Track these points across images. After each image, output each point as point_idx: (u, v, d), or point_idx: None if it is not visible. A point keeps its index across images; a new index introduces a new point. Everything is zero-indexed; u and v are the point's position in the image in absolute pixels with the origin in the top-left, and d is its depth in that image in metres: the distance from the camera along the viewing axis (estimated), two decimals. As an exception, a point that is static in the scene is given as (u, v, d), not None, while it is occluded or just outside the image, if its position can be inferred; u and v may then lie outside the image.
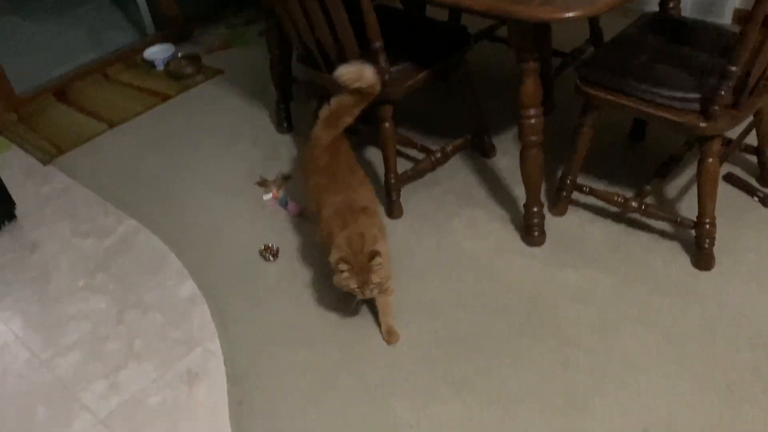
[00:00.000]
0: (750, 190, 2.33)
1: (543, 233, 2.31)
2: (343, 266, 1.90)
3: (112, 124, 3.22)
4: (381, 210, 2.23)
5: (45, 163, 3.06)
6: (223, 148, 2.98)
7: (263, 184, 2.72)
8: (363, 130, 2.61)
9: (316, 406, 1.92)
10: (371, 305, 2.13)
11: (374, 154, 2.78)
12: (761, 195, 2.30)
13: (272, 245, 2.43)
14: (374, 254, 1.88)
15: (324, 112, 2.21)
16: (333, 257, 1.92)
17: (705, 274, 2.11)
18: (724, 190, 2.33)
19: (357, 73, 2.07)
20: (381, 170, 2.50)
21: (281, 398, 1.96)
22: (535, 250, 2.29)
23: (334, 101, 2.18)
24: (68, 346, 2.23)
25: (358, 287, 1.92)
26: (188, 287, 2.37)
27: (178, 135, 3.11)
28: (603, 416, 1.79)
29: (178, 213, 2.69)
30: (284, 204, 2.61)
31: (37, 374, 2.15)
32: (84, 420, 2.00)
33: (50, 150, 3.11)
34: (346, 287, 1.96)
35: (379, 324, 2.08)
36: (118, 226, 2.68)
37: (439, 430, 1.82)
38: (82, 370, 2.14)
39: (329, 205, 2.07)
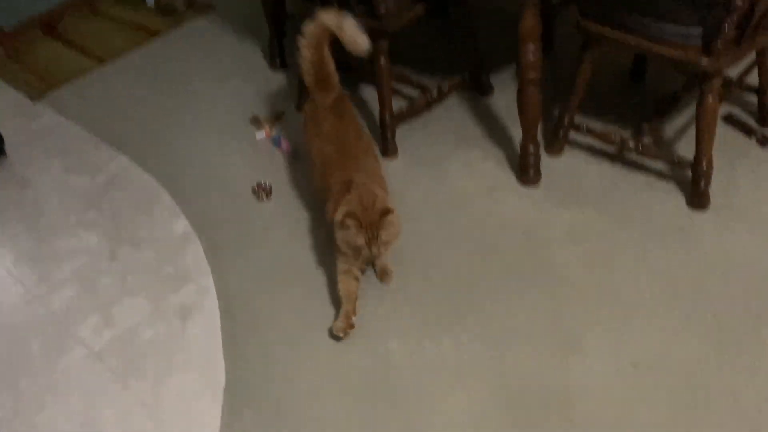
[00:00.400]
0: (748, 131, 2.31)
1: (538, 173, 2.29)
2: (350, 221, 1.81)
3: (101, 60, 3.16)
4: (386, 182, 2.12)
5: (34, 99, 3.00)
6: (215, 85, 2.93)
7: (256, 122, 2.68)
8: (356, 66, 2.55)
9: (309, 343, 1.94)
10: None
11: (369, 92, 2.73)
12: (759, 136, 2.28)
13: (265, 183, 2.41)
14: (387, 211, 1.81)
15: (308, 78, 2.14)
16: (340, 212, 1.82)
17: (700, 214, 2.11)
18: (722, 130, 2.30)
19: (337, 24, 2.02)
20: (376, 108, 2.46)
21: (274, 333, 1.97)
22: (530, 189, 2.27)
23: (305, 63, 2.11)
24: (61, 281, 2.23)
25: (366, 244, 1.82)
26: (181, 224, 2.36)
27: (169, 71, 3.05)
28: (593, 352, 1.81)
29: (169, 150, 2.65)
30: (277, 142, 2.58)
31: (30, 309, 2.16)
32: (78, 353, 2.01)
33: (39, 86, 3.05)
34: (351, 244, 1.85)
35: (373, 266, 2.08)
36: (109, 164, 2.65)
37: (432, 367, 1.83)
38: (76, 305, 2.15)
39: (336, 182, 1.97)
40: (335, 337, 1.91)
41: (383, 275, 2.04)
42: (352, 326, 1.90)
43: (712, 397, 1.68)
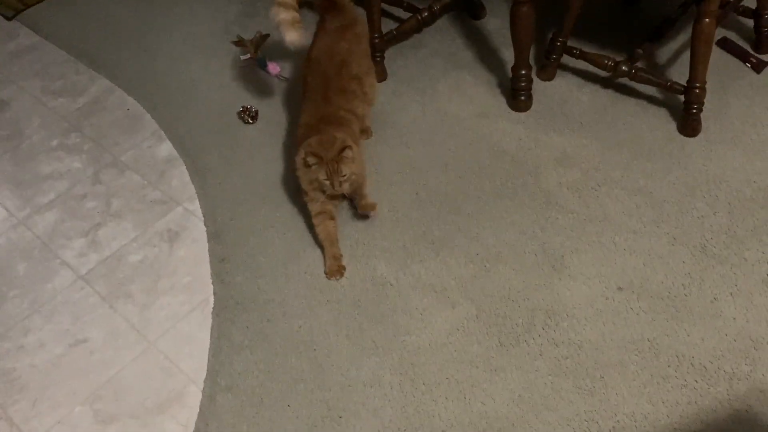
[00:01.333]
0: (743, 56, 2.27)
1: (530, 98, 2.25)
2: (311, 158, 1.82)
3: (78, -22, 3.02)
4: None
5: (9, 18, 2.89)
6: (198, 4, 2.82)
7: (240, 43, 2.60)
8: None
9: (297, 263, 1.94)
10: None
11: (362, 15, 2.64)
12: (754, 60, 2.25)
13: (251, 107, 2.36)
14: (345, 146, 1.81)
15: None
16: (301, 152, 1.84)
17: (690, 139, 2.10)
18: (716, 56, 2.25)
19: None
20: (364, 29, 2.39)
21: (262, 255, 1.97)
22: (521, 114, 2.24)
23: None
24: (45, 205, 2.20)
25: (327, 178, 1.82)
26: (165, 148, 2.32)
27: (149, -9, 2.93)
28: (578, 274, 1.82)
29: (152, 72, 2.58)
30: (263, 65, 2.51)
31: (15, 232, 2.14)
32: (64, 276, 2.00)
33: (14, 4, 2.93)
34: (314, 182, 1.86)
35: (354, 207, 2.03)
36: (90, 86, 2.57)
37: (418, 287, 1.85)
38: (61, 228, 2.13)
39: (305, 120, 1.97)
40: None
41: (365, 207, 1.97)
42: (343, 267, 1.89)
43: (695, 314, 1.71)
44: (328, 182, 1.83)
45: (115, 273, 1.99)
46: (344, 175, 1.82)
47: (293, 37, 2.02)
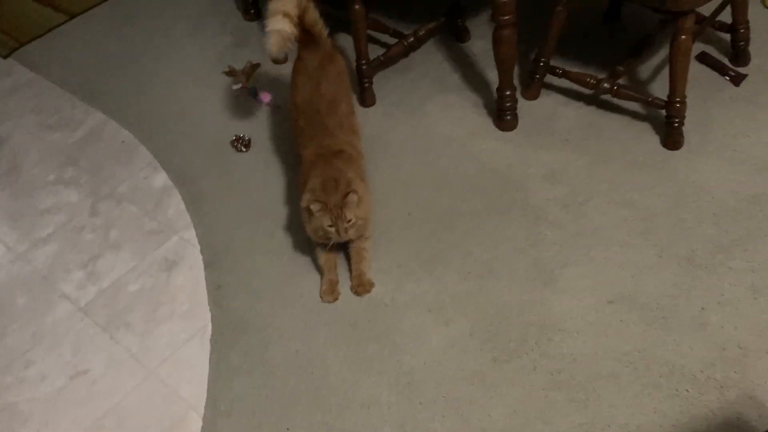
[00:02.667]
0: (722, 69, 2.33)
1: (515, 117, 2.30)
2: (315, 205, 1.79)
3: (71, 14, 3.09)
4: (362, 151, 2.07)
5: (4, 55, 2.94)
6: (189, 37, 2.88)
7: (232, 73, 2.66)
8: (332, 14, 2.52)
9: (292, 287, 1.97)
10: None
11: (345, 40, 2.71)
12: (733, 74, 2.30)
13: (244, 135, 2.41)
14: (349, 192, 1.79)
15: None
16: (304, 199, 1.82)
17: (674, 153, 2.14)
18: (695, 70, 2.32)
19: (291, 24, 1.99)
20: (352, 56, 2.45)
21: (259, 280, 2.00)
22: (508, 133, 2.29)
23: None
24: (44, 238, 2.24)
25: (332, 225, 1.79)
26: (161, 178, 2.36)
27: (140, 24, 2.99)
28: (569, 288, 1.86)
29: (146, 104, 2.63)
30: (254, 94, 2.56)
31: (14, 266, 2.17)
32: (64, 308, 2.03)
33: (8, 42, 2.99)
34: (319, 230, 1.82)
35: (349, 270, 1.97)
36: (86, 119, 2.62)
37: (413, 305, 1.88)
38: (60, 261, 2.16)
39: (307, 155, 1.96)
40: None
41: (359, 285, 1.90)
42: (338, 292, 1.91)
43: (684, 324, 1.74)
44: (333, 229, 1.80)
45: (115, 303, 2.02)
46: (349, 221, 1.80)
47: (273, 48, 1.98)
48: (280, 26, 1.97)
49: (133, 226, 2.22)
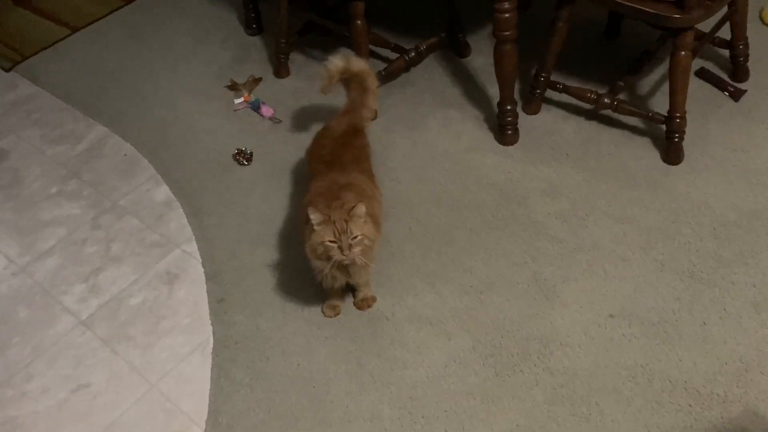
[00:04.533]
0: (721, 85, 2.35)
1: (516, 132, 2.32)
2: (316, 216, 1.63)
3: (74, 29, 3.11)
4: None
5: (7, 69, 2.96)
6: (191, 51, 2.90)
7: (234, 87, 2.68)
8: (334, 30, 2.54)
9: (294, 301, 1.97)
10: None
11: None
12: (732, 89, 2.32)
13: (246, 149, 2.42)
14: (355, 205, 1.65)
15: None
16: (305, 211, 1.68)
17: (674, 168, 2.16)
18: (695, 85, 2.34)
19: (345, 64, 2.03)
20: (354, 71, 2.46)
21: (260, 294, 2.00)
22: (509, 148, 2.31)
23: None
24: (45, 251, 2.24)
25: (335, 240, 1.63)
26: (163, 191, 2.37)
27: (143, 38, 3.01)
28: (570, 303, 1.86)
29: (148, 118, 2.64)
30: (256, 107, 2.58)
31: (16, 279, 2.17)
32: (66, 322, 2.03)
33: (11, 56, 3.01)
34: (319, 247, 1.66)
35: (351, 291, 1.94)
36: (88, 133, 2.63)
37: (414, 320, 1.88)
38: (61, 274, 2.16)
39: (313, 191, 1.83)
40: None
41: (363, 302, 1.90)
42: (339, 309, 1.91)
43: (686, 339, 1.75)
44: (335, 245, 1.63)
45: (116, 316, 2.02)
46: (355, 237, 1.63)
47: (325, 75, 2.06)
48: (333, 63, 2.05)
49: (134, 240, 2.23)
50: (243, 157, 2.40)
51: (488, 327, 1.84)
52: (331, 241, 1.65)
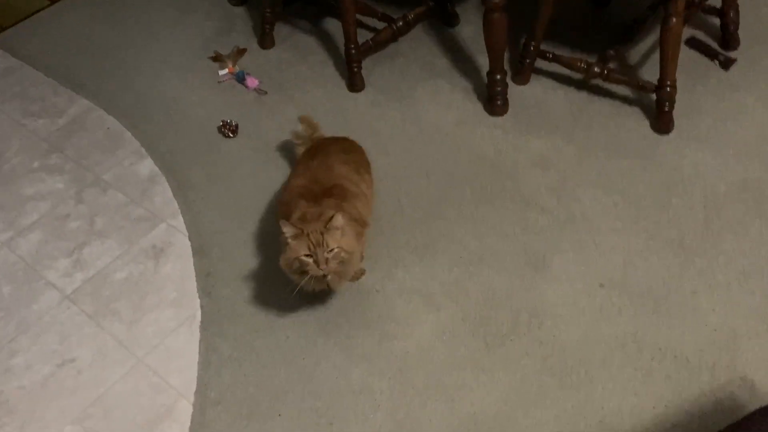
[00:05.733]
0: (711, 54, 2.32)
1: (506, 102, 2.29)
2: (289, 230, 1.56)
3: None
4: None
5: (-16, 42, 2.88)
6: (174, 23, 2.84)
7: (218, 58, 2.62)
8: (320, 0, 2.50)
9: (282, 275, 1.93)
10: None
11: (333, 26, 2.68)
12: (722, 58, 2.30)
13: (231, 121, 2.38)
14: (332, 216, 1.56)
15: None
16: (281, 226, 1.59)
17: (663, 137, 2.14)
18: (684, 54, 2.30)
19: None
20: (341, 41, 2.42)
21: (248, 268, 1.98)
22: (498, 119, 2.28)
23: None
24: (28, 226, 2.20)
25: (309, 254, 1.55)
26: (147, 165, 2.33)
27: (124, 9, 2.94)
28: (560, 274, 1.85)
29: (130, 91, 2.59)
30: (241, 79, 2.53)
31: (-2, 255, 2.13)
32: (50, 297, 2.00)
33: (-11, 28, 2.93)
34: (294, 262, 1.58)
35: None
36: (69, 106, 2.57)
37: (403, 292, 1.87)
38: (45, 249, 2.12)
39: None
40: None
41: (352, 277, 1.82)
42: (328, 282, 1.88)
43: (675, 308, 1.75)
44: (310, 260, 1.55)
45: (101, 291, 1.99)
46: (331, 250, 1.55)
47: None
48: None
49: (119, 214, 2.19)
50: (228, 129, 2.36)
51: (478, 299, 1.83)
52: (306, 255, 1.56)
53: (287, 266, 1.62)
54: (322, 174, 1.80)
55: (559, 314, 1.77)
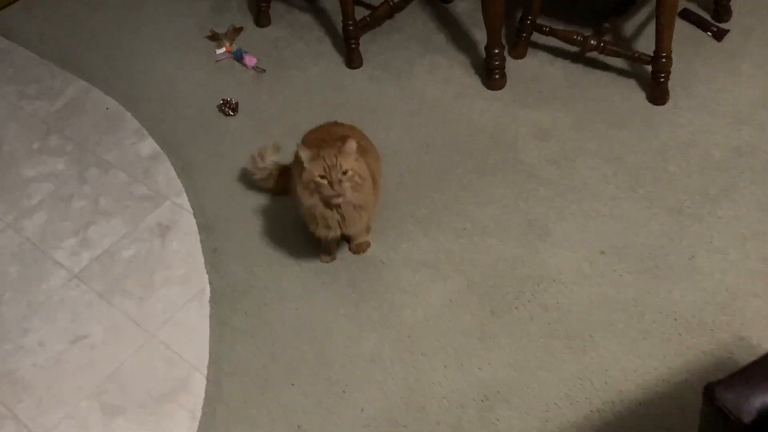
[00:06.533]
0: (704, 25, 2.36)
1: (504, 76, 2.32)
2: (306, 153, 1.64)
3: (45, -19, 3.00)
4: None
5: (-23, 24, 2.86)
6: (167, 3, 2.83)
7: (214, 37, 2.63)
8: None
9: (289, 249, 1.98)
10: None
11: (329, 3, 2.69)
12: (715, 29, 2.34)
13: (231, 99, 2.39)
14: (346, 140, 1.65)
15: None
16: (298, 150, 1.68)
17: (660, 108, 2.18)
18: (678, 26, 2.32)
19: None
20: (338, 19, 2.43)
21: (255, 243, 2.00)
22: (497, 92, 2.31)
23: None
24: (32, 207, 2.21)
25: (325, 175, 1.63)
26: (148, 144, 2.34)
27: (118, -10, 2.93)
28: (562, 242, 1.90)
29: (128, 71, 2.59)
30: (239, 57, 2.53)
31: (3, 236, 2.14)
32: (58, 276, 2.02)
33: (-19, 10, 2.91)
34: (310, 183, 1.66)
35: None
36: (66, 88, 2.57)
37: (410, 263, 1.90)
38: (50, 229, 2.13)
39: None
40: None
41: (357, 246, 1.92)
42: (335, 255, 1.92)
43: (675, 272, 1.80)
44: (325, 181, 1.63)
45: (110, 269, 2.01)
46: (345, 171, 1.63)
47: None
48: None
49: (123, 193, 2.20)
50: (228, 107, 2.37)
51: (483, 268, 1.87)
52: (321, 176, 1.65)
53: (304, 191, 1.68)
54: (333, 130, 1.82)
55: (563, 281, 1.82)
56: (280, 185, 2.04)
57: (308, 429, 1.64)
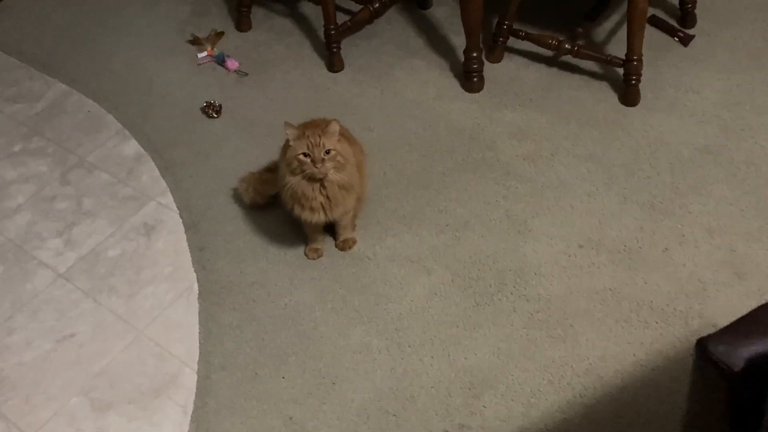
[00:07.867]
0: (671, 31, 2.47)
1: (482, 79, 2.39)
2: (291, 131, 1.71)
3: (21, -15, 3.00)
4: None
5: (-47, 27, 2.84)
6: (147, 5, 2.85)
7: (196, 42, 2.65)
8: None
9: (275, 246, 2.01)
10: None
11: (308, 8, 2.73)
12: (682, 35, 2.45)
13: (214, 102, 2.41)
14: (330, 122, 1.73)
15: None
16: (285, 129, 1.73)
17: (631, 109, 2.27)
18: (647, 32, 2.43)
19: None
20: (317, 23, 2.48)
21: (241, 241, 2.03)
22: (475, 95, 2.38)
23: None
24: (14, 208, 2.20)
25: (308, 152, 1.69)
26: (131, 146, 2.35)
27: (97, -6, 2.94)
28: (541, 236, 1.97)
29: (109, 74, 2.60)
30: (221, 61, 2.57)
31: (-15, 238, 2.13)
32: (43, 276, 2.02)
33: (-44, 14, 2.88)
34: (293, 161, 1.71)
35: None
36: (47, 91, 2.57)
37: (395, 258, 1.95)
38: (33, 230, 2.13)
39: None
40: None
41: (343, 242, 1.97)
42: (322, 251, 1.97)
43: (649, 264, 1.88)
44: (308, 159, 1.71)
45: (96, 268, 2.02)
46: (327, 151, 1.70)
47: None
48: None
49: (106, 194, 2.21)
50: (212, 109, 2.40)
51: (465, 261, 1.93)
52: (304, 155, 1.71)
53: (287, 168, 1.75)
54: (320, 123, 1.85)
55: (543, 273, 1.89)
56: (267, 189, 2.06)
57: (299, 420, 1.67)
